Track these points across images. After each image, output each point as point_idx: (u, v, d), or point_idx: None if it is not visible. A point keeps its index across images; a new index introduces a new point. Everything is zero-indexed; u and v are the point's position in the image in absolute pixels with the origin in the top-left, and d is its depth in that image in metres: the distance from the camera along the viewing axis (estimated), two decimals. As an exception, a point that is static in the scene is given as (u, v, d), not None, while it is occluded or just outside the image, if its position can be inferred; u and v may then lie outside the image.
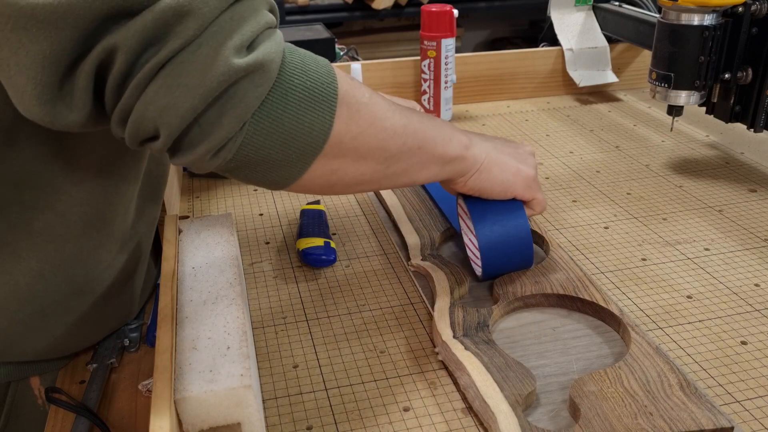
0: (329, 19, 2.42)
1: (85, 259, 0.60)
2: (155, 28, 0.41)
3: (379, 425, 0.54)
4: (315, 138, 0.48)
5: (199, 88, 0.42)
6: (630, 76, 1.31)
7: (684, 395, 0.52)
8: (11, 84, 0.43)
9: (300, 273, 0.74)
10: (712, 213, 0.84)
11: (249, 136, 0.46)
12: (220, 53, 0.42)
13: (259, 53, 0.44)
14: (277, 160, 0.48)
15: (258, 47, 0.45)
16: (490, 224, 0.65)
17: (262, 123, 0.46)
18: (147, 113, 0.43)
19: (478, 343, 0.58)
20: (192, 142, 0.45)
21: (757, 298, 0.68)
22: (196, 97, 0.43)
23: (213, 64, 0.42)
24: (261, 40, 0.45)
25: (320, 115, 0.48)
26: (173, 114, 0.43)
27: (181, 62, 0.42)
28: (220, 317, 0.54)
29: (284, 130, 0.47)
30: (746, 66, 0.87)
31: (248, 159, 0.47)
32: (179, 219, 0.70)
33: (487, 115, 1.20)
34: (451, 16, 1.10)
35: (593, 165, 0.99)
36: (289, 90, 0.46)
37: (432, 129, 0.60)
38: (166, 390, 0.46)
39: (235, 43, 0.43)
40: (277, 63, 0.46)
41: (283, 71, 0.46)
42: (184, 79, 0.42)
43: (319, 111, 0.48)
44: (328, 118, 0.48)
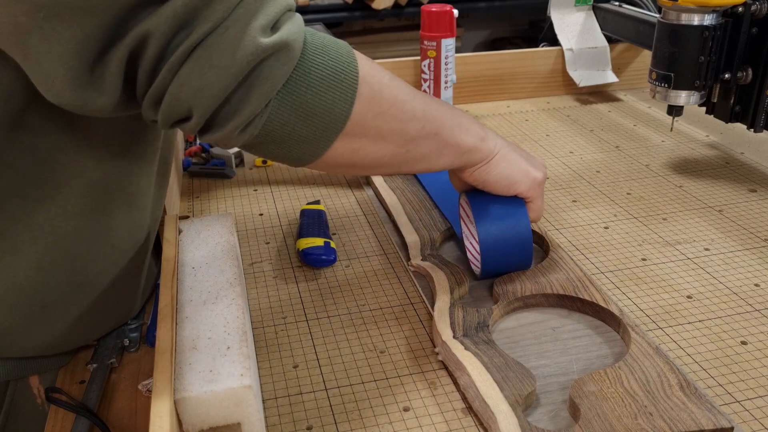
0: (329, 19, 2.42)
1: (86, 253, 0.60)
2: (185, 12, 0.43)
3: (379, 425, 0.54)
4: (337, 116, 0.50)
5: (230, 68, 0.44)
6: (630, 76, 1.31)
7: (684, 395, 0.52)
8: (40, 71, 0.44)
9: (300, 273, 0.74)
10: (712, 213, 0.84)
11: (274, 113, 0.48)
12: (247, 33, 0.44)
13: (283, 33, 0.46)
14: (300, 137, 0.50)
15: (281, 27, 0.46)
16: (491, 222, 0.65)
17: (286, 100, 0.48)
18: (181, 95, 0.45)
19: (478, 343, 0.58)
20: (222, 120, 0.47)
21: (757, 298, 0.68)
22: (228, 77, 0.44)
23: (241, 44, 0.44)
24: (284, 21, 0.47)
25: (342, 94, 0.50)
26: (207, 94, 0.45)
27: (211, 44, 0.44)
28: (220, 317, 0.54)
29: (307, 107, 0.49)
30: (746, 66, 0.87)
31: (273, 135, 0.49)
32: (179, 219, 0.70)
33: (487, 115, 1.20)
34: (451, 16, 1.10)
35: (593, 165, 0.99)
36: (312, 69, 0.48)
37: (450, 117, 0.61)
38: (166, 390, 0.46)
39: (261, 24, 0.45)
40: (300, 43, 0.47)
41: (305, 51, 0.48)
42: (215, 60, 0.44)
43: (341, 90, 0.50)
44: (349, 97, 0.50)
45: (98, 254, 0.61)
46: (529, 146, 1.06)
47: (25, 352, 0.62)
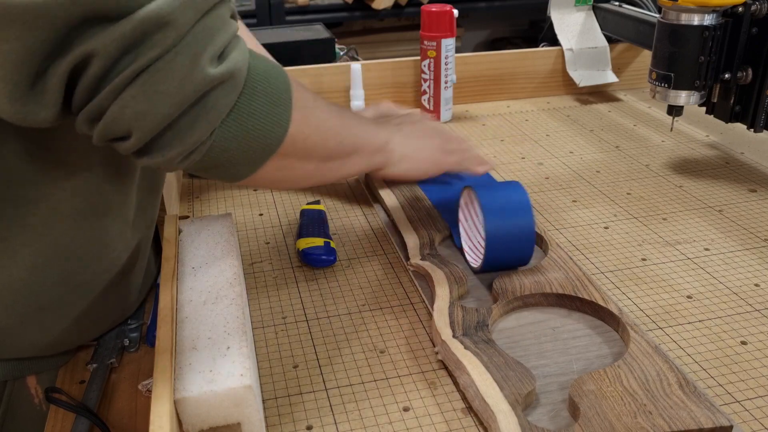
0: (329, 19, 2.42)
1: (81, 253, 0.60)
2: (134, 36, 0.42)
3: (379, 425, 0.54)
4: (273, 140, 0.52)
5: (176, 96, 0.44)
6: (630, 76, 1.31)
7: (683, 394, 0.52)
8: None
9: (300, 273, 0.74)
10: (712, 213, 0.84)
11: (217, 140, 0.48)
12: (197, 63, 0.44)
13: (230, 63, 0.46)
14: (238, 160, 0.51)
15: (228, 56, 0.47)
16: (499, 216, 0.66)
17: (229, 129, 0.48)
18: (122, 116, 0.44)
19: (478, 342, 0.59)
20: (163, 146, 0.46)
21: (757, 298, 0.68)
22: (173, 104, 0.44)
23: (190, 73, 0.44)
24: (230, 49, 0.47)
25: (279, 119, 0.51)
26: (149, 119, 0.44)
27: (159, 70, 0.43)
28: (220, 317, 0.55)
29: (248, 133, 0.50)
30: (746, 66, 0.87)
31: (214, 161, 0.50)
32: (179, 219, 0.70)
33: (487, 115, 1.20)
34: (451, 16, 1.10)
35: (593, 165, 0.99)
36: (254, 96, 0.49)
37: (359, 126, 0.67)
38: (166, 390, 0.46)
39: (209, 53, 0.45)
40: (245, 71, 0.48)
41: (248, 79, 0.49)
42: (161, 86, 0.43)
43: (278, 115, 0.51)
44: (285, 121, 0.52)
45: (92, 254, 0.61)
46: (529, 146, 1.06)
47: (22, 352, 0.62)
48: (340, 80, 1.17)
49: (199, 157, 0.48)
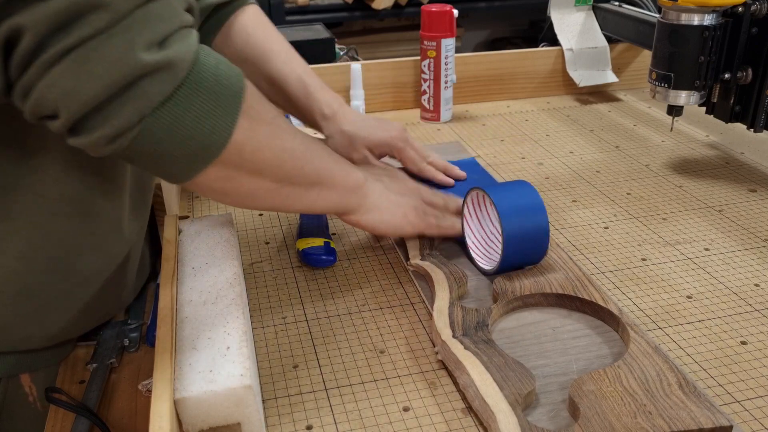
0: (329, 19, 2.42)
1: (70, 241, 0.60)
2: (67, 13, 0.42)
3: (379, 425, 0.54)
4: (214, 143, 0.50)
5: (104, 78, 0.43)
6: (630, 76, 1.31)
7: (683, 394, 0.52)
8: None
9: (300, 273, 0.74)
10: (712, 213, 0.84)
11: (146, 129, 0.46)
12: (131, 47, 0.44)
13: (169, 52, 0.45)
14: (173, 156, 0.49)
15: (170, 46, 0.46)
16: (515, 218, 0.66)
17: (162, 119, 0.47)
18: (49, 94, 0.44)
19: (478, 342, 0.59)
20: (90, 127, 0.46)
21: (757, 298, 0.68)
22: (100, 86, 0.44)
23: (121, 57, 0.43)
24: (174, 39, 0.46)
25: (221, 122, 0.49)
26: (75, 99, 0.44)
27: (89, 50, 0.43)
28: (220, 317, 0.55)
29: (184, 129, 0.48)
30: (746, 66, 0.87)
31: (145, 150, 0.48)
32: (179, 219, 0.70)
33: (487, 115, 1.20)
34: (451, 16, 1.10)
35: (593, 165, 0.99)
36: (196, 93, 0.47)
37: (330, 160, 0.64)
38: (166, 390, 0.46)
39: (146, 40, 0.44)
40: (187, 63, 0.47)
41: (193, 73, 0.47)
42: (90, 66, 0.43)
43: (221, 117, 0.49)
44: (229, 126, 0.50)
45: (81, 243, 0.61)
46: (529, 146, 1.06)
47: (14, 345, 0.62)
48: (340, 80, 1.17)
49: (126, 142, 0.46)
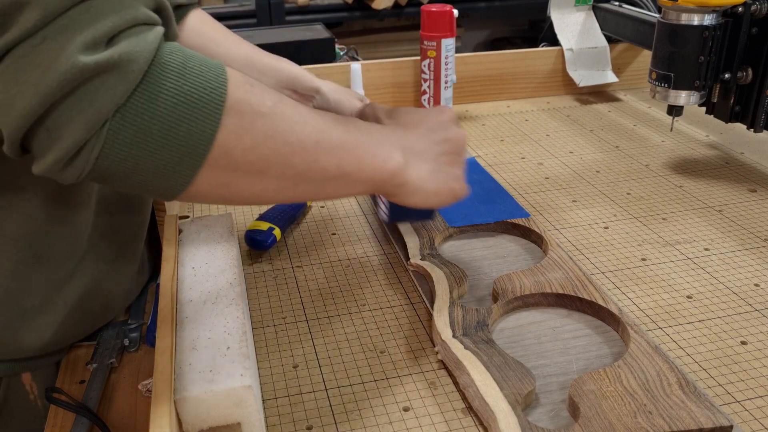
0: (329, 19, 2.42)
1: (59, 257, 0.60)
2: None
3: (379, 425, 0.54)
4: (193, 148, 0.43)
5: (38, 86, 0.38)
6: (630, 76, 1.31)
7: (683, 394, 0.52)
8: None
9: (300, 273, 0.74)
10: (712, 213, 0.84)
11: (109, 145, 0.40)
12: (66, 48, 0.38)
13: (115, 50, 0.39)
14: (150, 171, 0.43)
15: (118, 44, 0.40)
16: None
17: (124, 130, 0.40)
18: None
19: (478, 342, 0.59)
20: (42, 148, 0.41)
21: (757, 298, 0.68)
22: (35, 95, 0.38)
23: (56, 60, 0.38)
24: (123, 37, 0.40)
25: (199, 124, 0.43)
26: (11, 114, 0.39)
27: (21, 56, 0.38)
28: (220, 317, 0.55)
29: (153, 138, 0.41)
30: (746, 66, 0.87)
31: (113, 170, 0.42)
32: (179, 219, 0.70)
33: (487, 115, 1.20)
34: (451, 16, 1.10)
35: (593, 165, 0.99)
36: (160, 93, 0.41)
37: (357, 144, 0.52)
38: (166, 390, 0.46)
39: (86, 38, 0.39)
40: (141, 63, 0.40)
41: (152, 72, 0.41)
42: (22, 75, 0.38)
43: (198, 119, 0.42)
44: (209, 128, 0.43)
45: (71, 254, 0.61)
46: (529, 146, 1.06)
47: (12, 354, 0.62)
48: (340, 80, 1.17)
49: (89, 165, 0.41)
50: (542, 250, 0.76)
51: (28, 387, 0.64)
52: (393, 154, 0.54)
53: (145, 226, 0.72)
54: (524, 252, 0.76)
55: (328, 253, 0.78)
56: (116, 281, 0.67)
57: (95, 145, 0.40)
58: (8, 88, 0.39)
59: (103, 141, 0.40)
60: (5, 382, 0.63)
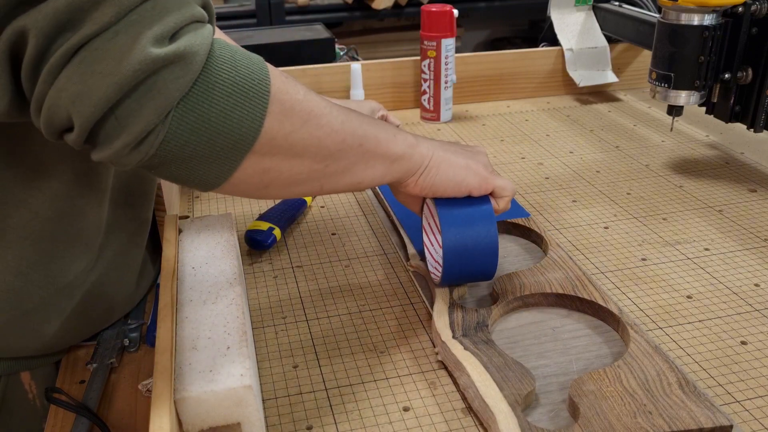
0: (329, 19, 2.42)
1: (63, 255, 0.60)
2: (69, 11, 0.40)
3: (379, 425, 0.54)
4: (245, 134, 0.47)
5: (113, 76, 0.41)
6: (630, 76, 1.31)
7: (683, 394, 0.52)
8: None
9: (300, 273, 0.74)
10: (712, 213, 0.84)
11: (172, 131, 0.44)
12: (138, 42, 0.41)
13: (180, 44, 0.43)
14: (204, 157, 0.46)
15: (181, 38, 0.43)
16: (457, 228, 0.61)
17: (186, 117, 0.44)
18: (59, 101, 0.42)
19: (478, 343, 0.59)
20: (109, 135, 0.43)
21: (757, 298, 0.68)
22: (110, 85, 0.41)
23: (129, 52, 0.41)
24: (185, 32, 0.44)
25: (250, 112, 0.47)
26: (86, 102, 0.41)
27: (96, 48, 0.41)
28: (220, 317, 0.55)
29: (211, 125, 0.45)
30: (746, 66, 0.87)
31: (173, 155, 0.45)
32: (179, 219, 0.70)
33: (487, 115, 1.20)
34: (451, 16, 1.10)
35: (593, 165, 0.99)
36: (216, 84, 0.45)
37: (374, 128, 0.58)
38: (166, 390, 0.46)
39: (155, 33, 0.42)
40: (202, 56, 0.44)
41: (209, 64, 0.45)
42: (98, 66, 0.41)
43: (249, 107, 0.47)
44: (258, 115, 0.47)
45: (75, 255, 0.61)
46: (529, 146, 1.06)
47: (12, 353, 0.62)
48: (340, 80, 1.17)
49: (152, 149, 0.44)
50: (542, 250, 0.76)
51: (27, 386, 0.64)
52: (403, 135, 0.60)
53: (146, 230, 0.72)
54: (524, 252, 0.76)
55: (328, 253, 0.78)
56: (118, 286, 0.68)
57: (160, 131, 0.44)
58: (85, 78, 0.41)
59: (168, 127, 0.44)
60: (4, 381, 0.63)
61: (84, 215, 0.61)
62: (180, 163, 0.46)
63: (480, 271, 0.63)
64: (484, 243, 0.61)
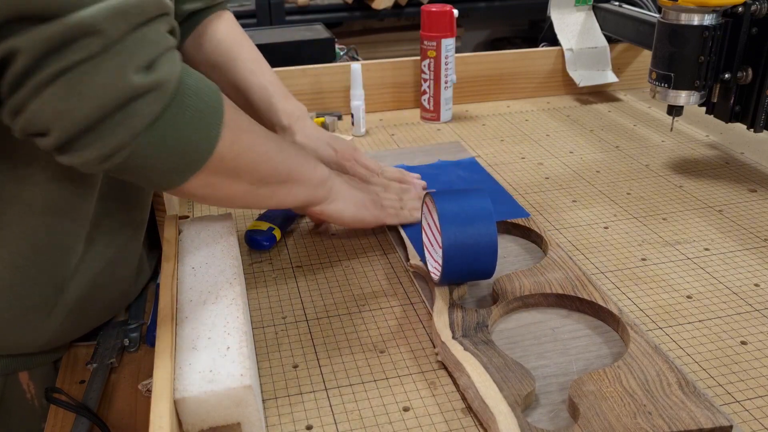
0: (329, 19, 2.42)
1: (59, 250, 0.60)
2: (61, 39, 0.43)
3: (379, 425, 0.54)
4: (199, 155, 0.53)
5: (96, 100, 0.45)
6: (630, 76, 1.31)
7: (683, 394, 0.52)
8: None
9: (300, 273, 0.74)
10: (712, 213, 0.84)
11: (139, 148, 0.49)
12: (122, 71, 0.46)
13: (158, 74, 0.48)
14: (160, 170, 0.52)
15: (158, 68, 0.48)
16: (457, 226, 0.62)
17: (153, 137, 0.49)
18: (41, 113, 0.45)
19: (478, 343, 0.59)
20: (83, 147, 0.47)
21: (757, 298, 0.68)
22: (92, 107, 0.45)
23: (114, 80, 0.45)
24: (162, 61, 0.48)
25: (206, 135, 0.52)
26: (67, 119, 0.46)
27: (83, 72, 0.44)
28: (220, 317, 0.55)
29: (172, 145, 0.50)
30: (746, 66, 0.87)
31: (134, 166, 0.50)
32: (179, 219, 0.70)
33: (487, 115, 1.20)
34: (451, 16, 1.10)
35: (593, 165, 0.99)
36: (182, 110, 0.50)
37: (298, 158, 0.67)
38: (166, 390, 0.46)
39: (137, 63, 0.46)
40: (174, 84, 0.49)
41: (178, 91, 0.50)
42: (83, 89, 0.45)
43: (206, 132, 0.52)
44: (213, 139, 0.53)
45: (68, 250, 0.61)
46: (529, 146, 1.06)
47: (10, 350, 0.62)
48: (340, 80, 1.17)
49: (119, 160, 0.49)
50: (542, 250, 0.76)
51: (26, 386, 0.64)
52: (320, 166, 0.71)
53: (144, 226, 0.72)
54: (524, 252, 0.76)
55: (328, 253, 0.78)
56: (115, 281, 0.68)
57: (129, 147, 0.48)
58: (69, 97, 0.45)
59: (136, 144, 0.48)
60: (2, 381, 0.63)
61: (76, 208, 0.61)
62: (138, 172, 0.51)
63: (480, 270, 0.64)
64: (483, 241, 0.62)
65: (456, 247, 0.61)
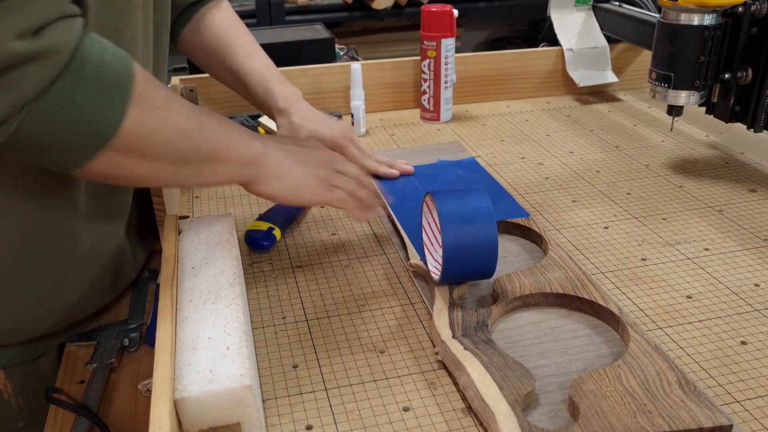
0: (329, 19, 2.42)
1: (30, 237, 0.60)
2: None
3: (379, 425, 0.54)
4: (101, 132, 0.48)
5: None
6: (630, 76, 1.31)
7: (683, 393, 0.52)
8: None
9: (300, 273, 0.74)
10: (712, 213, 0.84)
11: (27, 122, 0.45)
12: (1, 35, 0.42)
13: (44, 41, 0.43)
14: (58, 148, 0.48)
15: (47, 34, 0.44)
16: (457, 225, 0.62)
17: (44, 111, 0.45)
18: None
19: (478, 342, 0.59)
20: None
21: (757, 298, 0.68)
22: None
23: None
24: (51, 28, 0.44)
25: (109, 111, 0.48)
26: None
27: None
28: (220, 317, 0.55)
29: (68, 121, 0.46)
30: (746, 66, 0.87)
31: (26, 143, 0.46)
32: (179, 219, 0.70)
33: (487, 115, 1.20)
34: (451, 16, 1.10)
35: (593, 165, 0.99)
36: (78, 81, 0.46)
37: (227, 134, 0.61)
38: (166, 390, 0.46)
39: (19, 28, 0.42)
40: (66, 53, 0.45)
41: (74, 62, 0.45)
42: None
43: (109, 107, 0.48)
44: (117, 115, 0.49)
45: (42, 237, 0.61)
46: (529, 146, 1.06)
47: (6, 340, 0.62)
48: (340, 80, 1.17)
49: (3, 138, 0.45)
50: (542, 250, 0.76)
51: (2, 386, 0.64)
52: (254, 142, 0.64)
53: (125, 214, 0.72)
54: (524, 252, 0.76)
55: (328, 253, 0.78)
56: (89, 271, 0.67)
57: (12, 122, 0.44)
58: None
59: (21, 119, 0.45)
60: None
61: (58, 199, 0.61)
62: (34, 150, 0.48)
63: (480, 269, 0.64)
64: (483, 241, 0.62)
65: (456, 247, 0.61)
